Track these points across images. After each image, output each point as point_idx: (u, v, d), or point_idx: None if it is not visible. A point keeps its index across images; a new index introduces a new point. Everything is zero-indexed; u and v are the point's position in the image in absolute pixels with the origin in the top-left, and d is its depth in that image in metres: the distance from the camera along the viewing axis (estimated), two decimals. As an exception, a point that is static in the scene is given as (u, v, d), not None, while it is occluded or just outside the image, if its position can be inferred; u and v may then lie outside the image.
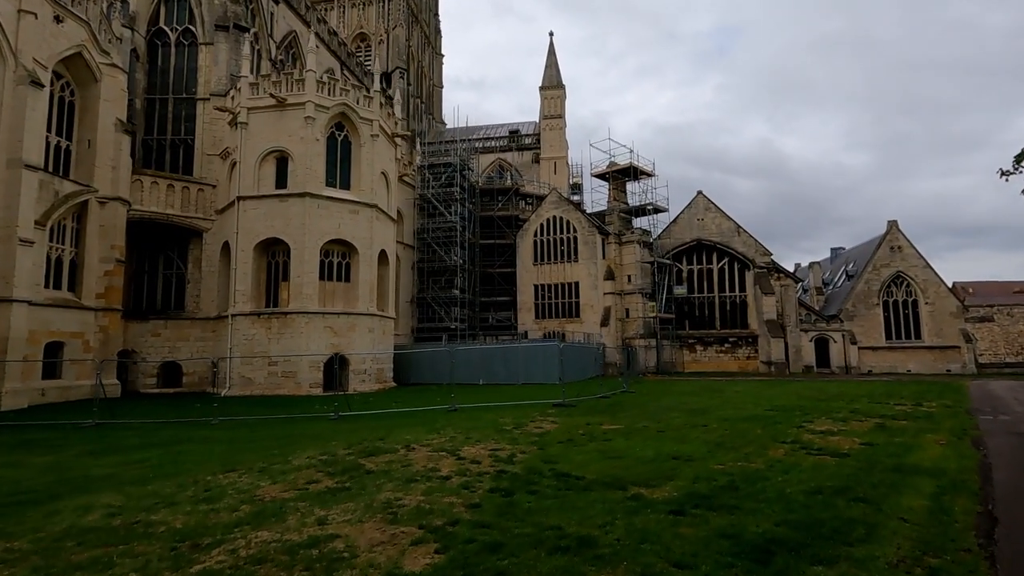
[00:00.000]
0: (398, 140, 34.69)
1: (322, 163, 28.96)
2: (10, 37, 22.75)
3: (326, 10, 63.11)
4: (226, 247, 29.77)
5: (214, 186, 31.75)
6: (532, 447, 10.93)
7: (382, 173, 31.75)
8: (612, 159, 45.87)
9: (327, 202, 28.67)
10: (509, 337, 42.22)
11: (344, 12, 63.84)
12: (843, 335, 42.66)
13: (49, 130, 25.62)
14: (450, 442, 11.58)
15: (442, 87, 76.77)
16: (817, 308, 47.90)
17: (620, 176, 45.70)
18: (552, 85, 58.74)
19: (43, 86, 23.75)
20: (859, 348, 42.54)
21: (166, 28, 33.39)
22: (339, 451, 10.80)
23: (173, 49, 33.40)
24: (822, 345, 42.98)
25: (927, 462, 9.49)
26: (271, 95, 28.44)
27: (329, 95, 29.17)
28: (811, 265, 56.25)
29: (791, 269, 63.75)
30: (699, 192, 45.75)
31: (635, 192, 45.97)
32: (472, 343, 36.40)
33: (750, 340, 43.51)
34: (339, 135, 29.92)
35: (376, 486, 7.75)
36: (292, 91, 28.75)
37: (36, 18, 23.82)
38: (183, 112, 33.07)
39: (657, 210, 45.12)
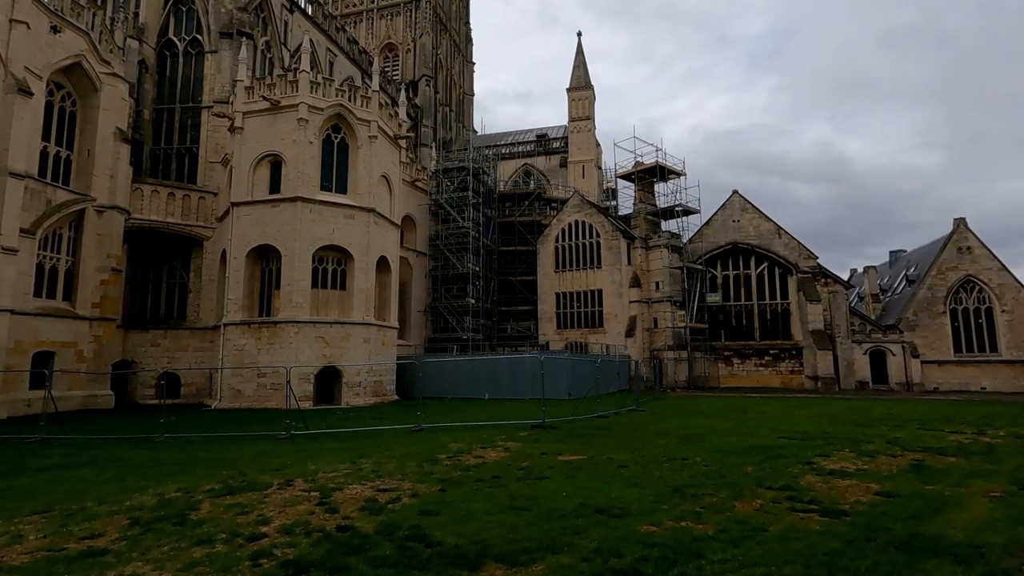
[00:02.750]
0: (402, 143, 33.28)
1: (316, 166, 27.81)
2: (-1, 45, 22.74)
3: (354, 23, 63.44)
4: (224, 255, 29.07)
5: (215, 194, 31.29)
6: (435, 487, 8.69)
7: (383, 176, 30.35)
8: (638, 158, 42.99)
9: (320, 206, 27.44)
10: (528, 348, 39.90)
11: (372, 24, 63.86)
12: (903, 347, 37.81)
13: (48, 140, 25.60)
14: (346, 477, 9.49)
15: (473, 95, 75.72)
16: (873, 317, 43.00)
17: (646, 176, 42.65)
18: (580, 86, 56.35)
19: (32, 94, 23.59)
20: (922, 362, 37.58)
21: (175, 38, 33.48)
22: (202, 485, 8.93)
23: (181, 59, 33.43)
24: (878, 358, 38.25)
25: (959, 531, 6.59)
26: (264, 97, 27.60)
27: (324, 96, 28.07)
28: (866, 270, 50.67)
29: (849, 276, 58.39)
30: (734, 191, 42.02)
31: (665, 193, 42.79)
32: (477, 354, 34.27)
33: (794, 352, 39.31)
34: (336, 137, 28.75)
35: (141, 552, 5.76)
36: (286, 93, 27.83)
37: (28, 27, 23.80)
38: (189, 121, 32.96)
39: (687, 212, 41.71)
